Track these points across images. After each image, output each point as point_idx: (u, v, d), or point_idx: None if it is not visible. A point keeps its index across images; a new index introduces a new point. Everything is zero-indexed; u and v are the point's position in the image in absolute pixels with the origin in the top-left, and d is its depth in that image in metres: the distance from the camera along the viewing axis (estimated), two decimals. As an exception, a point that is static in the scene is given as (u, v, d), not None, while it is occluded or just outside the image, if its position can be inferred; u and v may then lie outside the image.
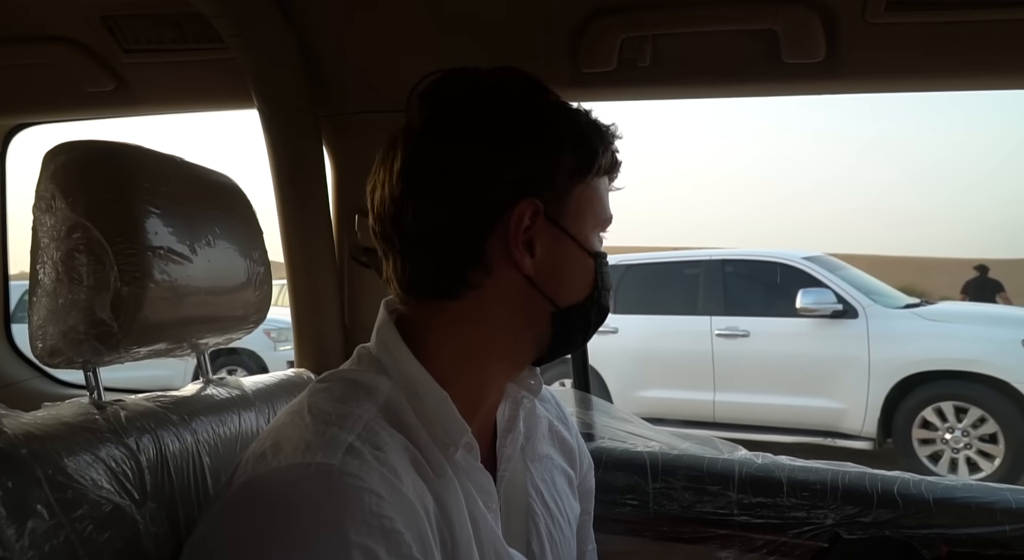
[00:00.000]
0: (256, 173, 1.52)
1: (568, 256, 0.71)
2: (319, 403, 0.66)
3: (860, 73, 1.11)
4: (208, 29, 1.22)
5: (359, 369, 0.72)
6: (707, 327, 5.16)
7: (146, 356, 0.82)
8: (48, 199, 0.73)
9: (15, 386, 1.73)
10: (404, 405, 0.68)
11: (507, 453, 0.75)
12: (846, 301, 4.78)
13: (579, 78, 1.19)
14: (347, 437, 0.61)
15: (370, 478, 0.58)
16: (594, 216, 0.74)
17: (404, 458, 0.64)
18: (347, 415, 0.64)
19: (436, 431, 0.67)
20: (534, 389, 0.78)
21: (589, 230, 0.73)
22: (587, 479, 0.93)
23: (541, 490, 0.80)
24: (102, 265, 0.72)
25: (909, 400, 4.51)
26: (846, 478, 1.18)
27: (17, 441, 0.62)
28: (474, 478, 0.69)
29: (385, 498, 0.58)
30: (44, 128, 1.71)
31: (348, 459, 0.59)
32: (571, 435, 0.91)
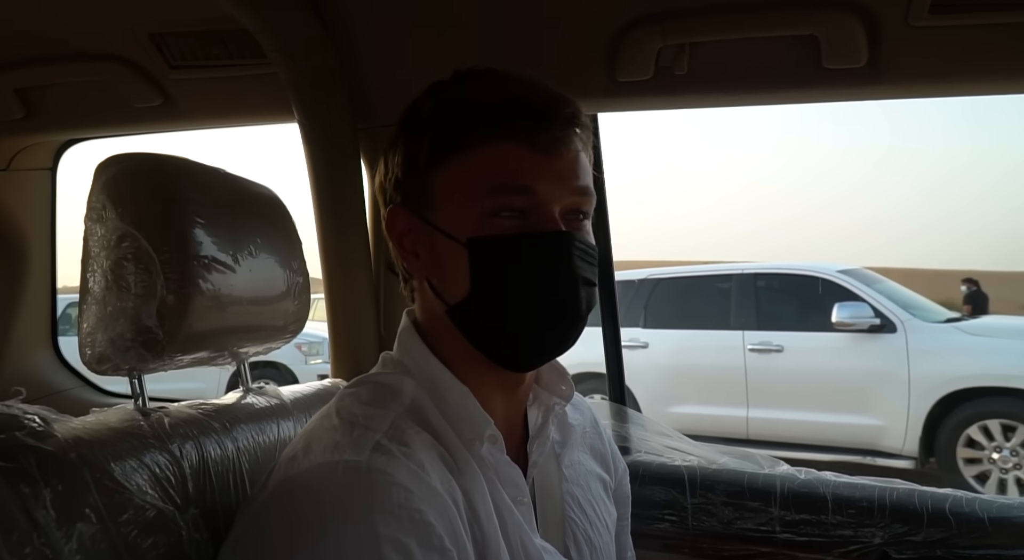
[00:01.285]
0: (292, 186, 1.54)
1: (442, 250, 0.68)
2: (347, 406, 0.68)
3: (903, 78, 1.09)
4: (251, 45, 1.25)
5: (384, 372, 0.74)
6: (739, 342, 5.09)
7: (189, 364, 0.83)
8: (99, 209, 0.75)
9: (61, 394, 1.77)
10: (429, 404, 0.69)
11: (535, 458, 0.75)
12: (884, 315, 4.68)
13: (614, 88, 1.18)
14: (374, 435, 0.62)
15: (398, 473, 0.59)
16: (467, 194, 0.66)
17: (431, 454, 0.64)
18: (373, 416, 0.65)
19: (460, 427, 0.68)
20: (565, 394, 0.77)
21: (461, 213, 0.67)
22: (623, 484, 0.92)
23: (577, 495, 0.79)
24: (149, 274, 0.73)
25: (953, 418, 4.37)
26: (894, 495, 1.14)
27: (67, 445, 0.63)
28: (501, 471, 0.69)
29: (414, 491, 0.58)
30: (93, 143, 1.76)
31: (376, 456, 0.60)
32: (603, 442, 0.91)
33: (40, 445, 0.62)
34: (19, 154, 1.71)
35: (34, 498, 0.58)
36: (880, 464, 4.48)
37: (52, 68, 1.42)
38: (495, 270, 0.66)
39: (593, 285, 0.70)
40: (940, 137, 30.94)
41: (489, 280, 0.66)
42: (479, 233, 0.66)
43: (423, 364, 0.71)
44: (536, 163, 0.66)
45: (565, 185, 0.68)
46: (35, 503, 0.57)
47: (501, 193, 0.66)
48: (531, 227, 0.66)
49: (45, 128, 1.61)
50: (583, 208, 0.70)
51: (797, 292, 5.23)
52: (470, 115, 0.68)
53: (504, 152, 0.66)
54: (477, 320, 0.68)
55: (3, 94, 1.48)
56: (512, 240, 0.65)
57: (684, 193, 29.39)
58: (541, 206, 0.66)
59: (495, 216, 0.66)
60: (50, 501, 0.58)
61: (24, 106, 1.51)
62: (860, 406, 4.62)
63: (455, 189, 0.67)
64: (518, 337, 0.68)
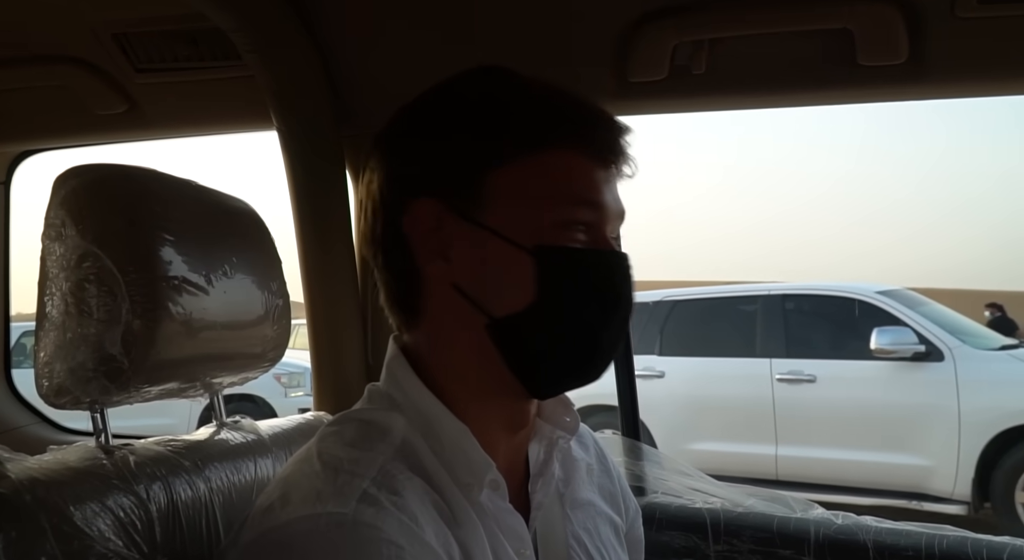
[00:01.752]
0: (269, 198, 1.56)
1: (494, 256, 0.67)
2: (329, 448, 0.67)
3: (949, 75, 1.09)
4: (225, 45, 1.26)
5: (371, 408, 0.73)
6: (766, 371, 5.08)
7: (156, 396, 0.84)
8: (58, 226, 0.76)
9: (15, 432, 1.77)
10: (421, 444, 0.68)
11: (538, 499, 0.74)
12: (929, 341, 4.67)
13: (625, 89, 1.19)
14: (361, 483, 0.61)
15: (388, 527, 0.58)
16: (537, 198, 0.67)
17: (425, 503, 0.64)
18: (360, 459, 0.64)
19: (457, 471, 0.67)
20: (570, 427, 0.77)
21: (532, 218, 0.67)
22: (635, 527, 0.91)
23: (584, 540, 0.78)
24: (113, 296, 0.74)
25: (1010, 457, 4.34)
26: (943, 543, 1.13)
27: (22, 487, 0.64)
28: (502, 521, 0.69)
29: (405, 548, 0.58)
30: (50, 155, 1.78)
31: (363, 507, 0.59)
32: (612, 480, 0.90)
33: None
34: (-32, 166, 1.73)
35: (-15, 545, 0.58)
36: (928, 509, 4.44)
37: (5, 72, 1.44)
38: (566, 282, 0.67)
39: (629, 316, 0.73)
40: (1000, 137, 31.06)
41: (558, 292, 0.67)
42: (550, 242, 0.66)
43: (415, 398, 0.70)
44: (605, 180, 0.69)
45: (618, 206, 0.71)
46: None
47: (577, 204, 0.68)
48: (598, 245, 0.69)
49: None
50: (619, 232, 0.74)
51: (831, 315, 5.23)
52: (548, 114, 0.69)
53: (579, 162, 0.68)
54: (530, 334, 0.67)
55: (-49, 101, 1.50)
56: (588, 255, 0.68)
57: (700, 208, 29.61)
58: (603, 224, 0.69)
59: (567, 227, 0.67)
60: (3, 549, 0.59)
61: None
62: (904, 444, 4.59)
63: (521, 191, 0.67)
64: (567, 357, 0.69)
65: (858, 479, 4.68)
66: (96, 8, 1.30)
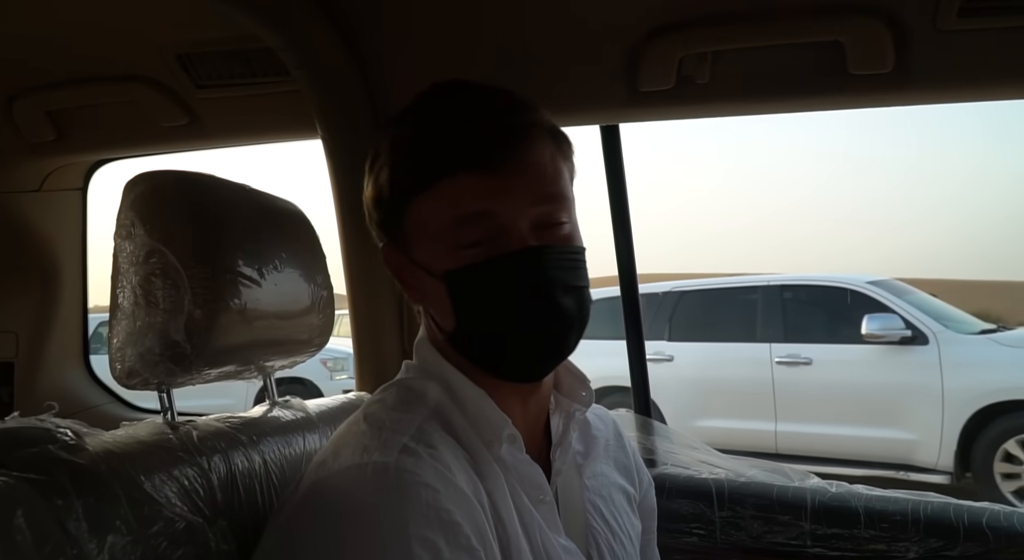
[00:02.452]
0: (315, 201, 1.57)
1: (427, 285, 0.70)
2: (375, 412, 0.70)
3: (931, 83, 1.08)
4: (275, 63, 1.27)
5: (409, 377, 0.76)
6: (767, 355, 5.02)
7: (216, 378, 0.85)
8: (128, 226, 0.77)
9: (93, 410, 1.81)
10: (452, 407, 0.71)
11: (557, 466, 0.76)
12: (915, 327, 4.59)
13: (636, 98, 1.18)
14: (401, 438, 0.64)
15: (425, 473, 0.61)
16: (434, 229, 0.68)
17: (457, 456, 0.66)
18: (400, 420, 0.67)
19: (480, 429, 0.70)
20: (585, 400, 0.78)
21: (435, 248, 0.68)
22: (648, 497, 0.92)
23: (599, 506, 0.80)
24: (177, 289, 0.74)
25: (989, 431, 4.26)
26: (928, 509, 1.12)
27: (99, 458, 0.64)
28: (522, 471, 0.70)
29: (441, 492, 0.60)
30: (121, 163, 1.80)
31: (403, 457, 0.62)
32: (627, 455, 0.91)
33: (72, 458, 0.63)
34: (51, 175, 1.76)
35: (67, 510, 0.59)
36: (914, 479, 4.38)
37: (82, 90, 1.47)
38: (474, 299, 0.68)
39: (580, 288, 0.70)
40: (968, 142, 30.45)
41: (470, 310, 0.68)
42: (452, 266, 0.67)
43: (439, 370, 0.73)
44: (495, 186, 0.66)
45: (528, 199, 0.67)
46: (68, 515, 0.59)
47: (464, 224, 0.66)
48: (499, 250, 0.66)
49: (76, 149, 1.65)
50: (555, 216, 0.69)
51: (825, 304, 5.15)
52: (424, 151, 0.68)
53: (462, 183, 0.66)
54: (471, 347, 0.71)
55: (36, 117, 1.53)
56: (483, 266, 0.66)
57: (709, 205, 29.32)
58: (507, 228, 0.66)
59: (463, 247, 0.67)
60: (82, 513, 0.59)
61: (55, 128, 1.55)
62: (892, 420, 4.53)
63: (424, 226, 0.69)
64: (513, 356, 0.70)
65: (850, 452, 4.62)
66: (162, 32, 1.32)
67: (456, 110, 0.69)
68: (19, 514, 0.55)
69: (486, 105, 0.69)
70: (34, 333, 1.80)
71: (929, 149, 25.83)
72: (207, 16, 1.25)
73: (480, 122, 0.67)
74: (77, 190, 1.83)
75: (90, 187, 1.85)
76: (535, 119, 0.70)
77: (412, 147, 0.69)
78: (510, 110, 0.69)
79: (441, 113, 0.70)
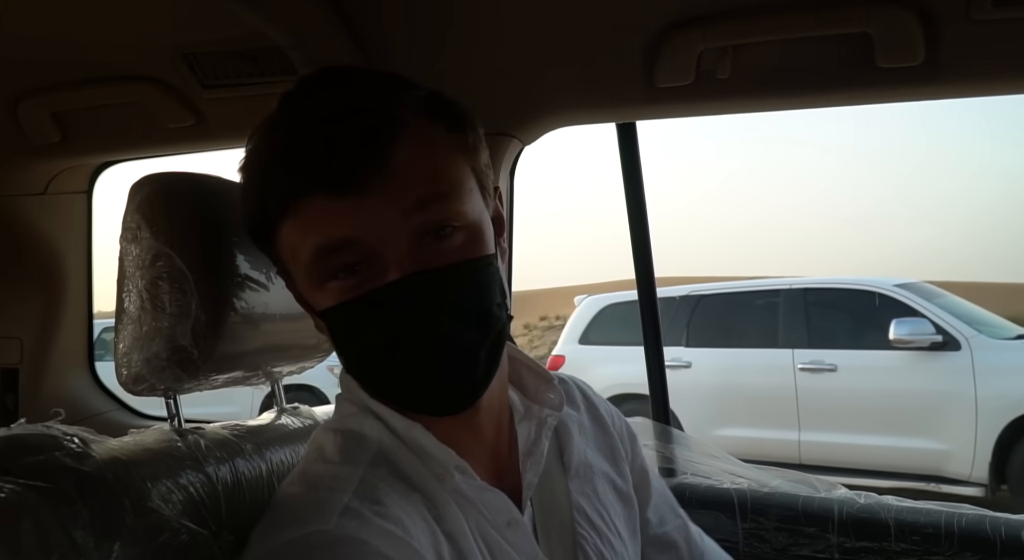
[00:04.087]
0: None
1: (316, 319, 0.68)
2: (311, 468, 0.67)
3: (964, 76, 1.06)
4: (283, 62, 1.28)
5: (343, 416, 0.71)
6: (789, 361, 4.99)
7: (223, 384, 0.85)
8: (134, 229, 0.78)
9: (99, 417, 1.82)
10: (396, 445, 0.66)
11: (528, 479, 0.71)
12: (946, 331, 4.54)
13: (653, 94, 1.18)
14: (342, 498, 0.59)
15: (373, 538, 0.56)
16: (299, 264, 0.63)
17: (409, 506, 0.61)
18: (338, 474, 0.63)
19: (429, 464, 0.65)
20: (555, 404, 0.74)
21: (308, 282, 0.63)
22: (636, 460, 0.87)
23: (584, 508, 0.76)
24: (184, 293, 0.75)
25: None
26: (963, 521, 1.10)
27: (105, 466, 0.65)
28: (483, 499, 0.66)
29: (392, 557, 0.55)
30: (127, 165, 1.82)
31: (344, 522, 0.57)
32: (606, 428, 0.86)
33: (79, 466, 0.63)
34: (56, 178, 1.78)
35: (73, 519, 0.59)
36: (946, 491, 4.32)
37: (87, 91, 1.48)
38: (351, 340, 0.63)
39: (480, 307, 0.63)
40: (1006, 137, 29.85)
41: (353, 352, 0.65)
42: (326, 303, 0.62)
43: (368, 404, 0.69)
44: (357, 206, 0.58)
45: (401, 210, 0.59)
46: (74, 524, 0.59)
47: (323, 256, 0.60)
48: (374, 280, 0.60)
49: (81, 151, 1.67)
50: (441, 222, 0.61)
51: (850, 308, 5.11)
52: (279, 170, 0.61)
53: (319, 207, 0.59)
54: (370, 385, 0.67)
55: (40, 118, 1.55)
56: (352, 305, 0.61)
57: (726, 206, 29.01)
58: (379, 253, 0.60)
59: (333, 279, 0.61)
60: (89, 521, 0.60)
61: (60, 130, 1.57)
62: (922, 429, 4.48)
63: (289, 259, 0.64)
64: (415, 398, 0.64)
65: (878, 463, 4.58)
66: (167, 31, 1.33)
67: (313, 114, 0.61)
68: (25, 522, 0.56)
69: (343, 104, 0.61)
70: (38, 339, 1.82)
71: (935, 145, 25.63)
72: (213, 14, 1.26)
73: (333, 129, 0.59)
74: (82, 193, 1.85)
75: (95, 190, 1.87)
76: (397, 111, 0.61)
77: (270, 162, 0.62)
78: (368, 107, 0.60)
79: (299, 118, 0.62)
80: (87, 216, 1.87)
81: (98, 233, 1.88)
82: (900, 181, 25.21)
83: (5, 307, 1.82)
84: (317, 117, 0.61)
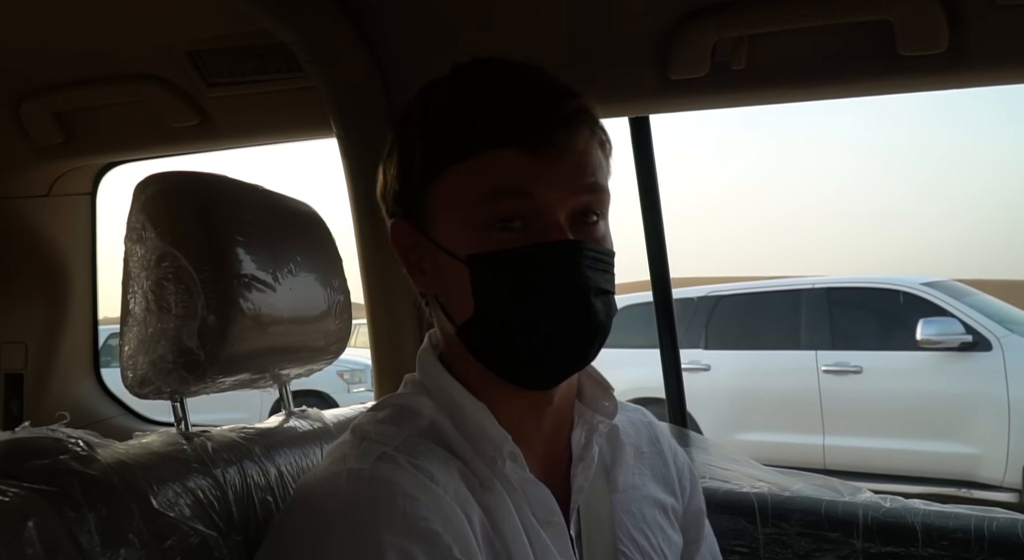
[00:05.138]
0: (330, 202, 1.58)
1: (445, 268, 0.68)
2: (363, 425, 0.71)
3: (989, 63, 1.05)
4: (288, 58, 1.29)
5: (404, 393, 0.76)
6: (812, 363, 4.95)
7: (230, 387, 0.86)
8: (138, 229, 0.79)
9: (104, 422, 1.84)
10: (448, 424, 0.70)
11: (579, 482, 0.74)
12: (977, 331, 4.49)
13: (667, 86, 1.17)
14: (381, 447, 0.65)
15: (402, 480, 0.61)
16: (462, 206, 0.66)
17: (447, 469, 0.66)
18: (385, 432, 0.69)
19: (481, 445, 0.69)
20: (608, 411, 0.76)
21: (460, 226, 0.66)
22: (693, 502, 0.89)
23: (626, 523, 0.78)
24: (189, 293, 0.76)
25: (1062, 444, 4.16)
26: (994, 525, 1.09)
27: (110, 469, 0.66)
28: (528, 491, 0.69)
29: (419, 499, 0.60)
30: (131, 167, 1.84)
31: (379, 464, 0.63)
32: (666, 461, 0.88)
33: (84, 469, 0.64)
34: (59, 179, 1.80)
35: (78, 523, 0.60)
36: (977, 497, 4.28)
37: (90, 91, 1.50)
38: (499, 289, 0.65)
39: (609, 294, 0.69)
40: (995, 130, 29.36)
41: (493, 300, 0.66)
42: (478, 249, 0.65)
43: (439, 383, 0.72)
44: (535, 168, 0.65)
45: (570, 187, 0.66)
46: (79, 528, 0.60)
47: (495, 200, 0.65)
48: (533, 238, 0.65)
49: (85, 152, 1.69)
50: (593, 208, 0.68)
51: (875, 307, 5.08)
52: (463, 123, 0.67)
53: (499, 160, 0.65)
54: (486, 340, 0.68)
55: (43, 119, 1.57)
56: (514, 254, 0.65)
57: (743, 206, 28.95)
58: (543, 212, 0.65)
59: (491, 227, 0.65)
60: (94, 526, 0.61)
61: (63, 131, 1.59)
62: (952, 433, 4.43)
63: (450, 202, 0.67)
64: (530, 357, 0.67)
65: (906, 467, 4.53)
66: (171, 28, 1.35)
67: (504, 84, 0.69)
68: (30, 526, 0.57)
69: (535, 84, 0.69)
70: (43, 343, 1.84)
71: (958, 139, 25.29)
72: (217, 11, 1.27)
73: (528, 99, 0.67)
74: (86, 195, 1.87)
75: (99, 192, 1.89)
76: (582, 105, 0.68)
77: (454, 114, 0.68)
78: (559, 92, 0.68)
79: (488, 85, 0.69)
80: (91, 218, 1.89)
81: (102, 236, 1.90)
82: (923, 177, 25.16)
83: (9, 312, 1.84)
84: (512, 84, 0.68)
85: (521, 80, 0.69)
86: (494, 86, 0.69)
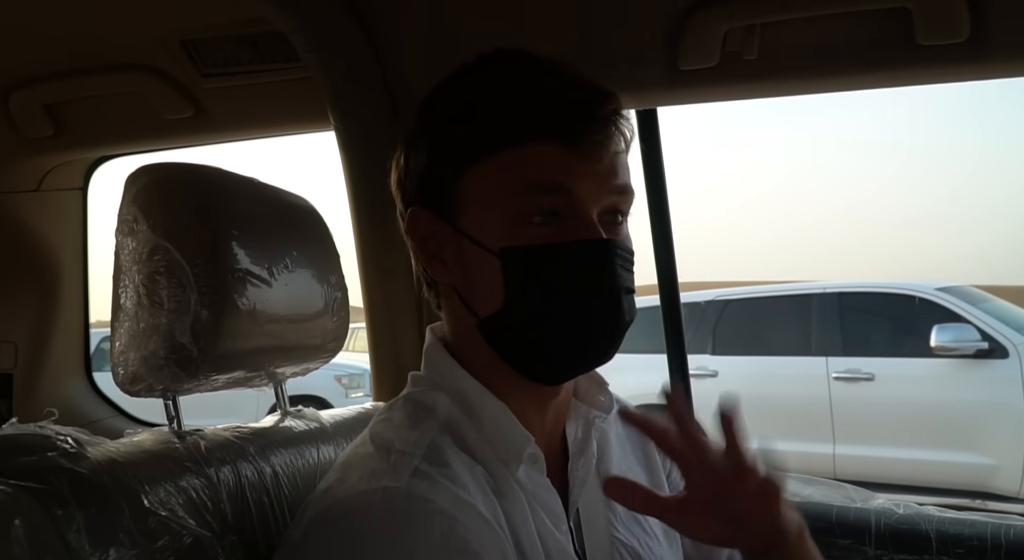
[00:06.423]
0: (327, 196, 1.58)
1: (472, 259, 0.69)
2: (381, 432, 0.70)
3: (1013, 53, 1.03)
4: (285, 48, 1.29)
5: (415, 389, 0.76)
6: (823, 369, 4.95)
7: (224, 385, 0.86)
8: (130, 222, 0.79)
9: (96, 424, 1.84)
10: (465, 422, 0.70)
11: (580, 477, 0.75)
12: (992, 338, 4.49)
13: (676, 77, 1.16)
14: (412, 460, 0.64)
15: (440, 498, 0.61)
16: (498, 197, 0.67)
17: (473, 474, 0.67)
18: (408, 439, 0.68)
19: (498, 446, 0.69)
20: (604, 406, 0.78)
21: (494, 218, 0.68)
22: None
23: (618, 510, 0.79)
24: (182, 288, 0.76)
25: (1080, 455, 4.15)
26: (1011, 533, 1.09)
27: (101, 468, 0.66)
28: (540, 497, 0.70)
29: (458, 519, 0.60)
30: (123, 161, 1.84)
31: (415, 482, 0.62)
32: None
33: (73, 467, 0.64)
34: (49, 173, 1.79)
35: (67, 521, 0.60)
36: (992, 508, 4.25)
37: (81, 81, 1.50)
38: (532, 283, 0.67)
39: (632, 293, 0.71)
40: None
41: (526, 294, 0.67)
42: (513, 242, 0.66)
43: (453, 379, 0.73)
44: (573, 164, 0.66)
45: (604, 185, 0.68)
46: (68, 526, 0.60)
47: (533, 194, 0.66)
48: (568, 234, 0.66)
49: (76, 145, 1.68)
50: (621, 208, 0.71)
51: (888, 313, 5.07)
52: (505, 112, 0.68)
53: (539, 153, 0.66)
54: (512, 334, 0.69)
55: (32, 110, 1.56)
56: (549, 250, 0.66)
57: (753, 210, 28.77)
58: (578, 208, 0.67)
59: (527, 221, 0.66)
60: (83, 525, 0.61)
61: (54, 123, 1.58)
62: (967, 442, 4.43)
63: (486, 192, 0.68)
64: (556, 352, 0.69)
65: (919, 478, 4.52)
66: (164, 16, 1.34)
67: (541, 76, 0.70)
68: (17, 524, 0.57)
69: (578, 79, 0.70)
70: (33, 343, 1.84)
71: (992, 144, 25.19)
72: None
73: (573, 94, 0.68)
74: (77, 190, 1.87)
75: (91, 186, 1.89)
76: (620, 106, 0.70)
77: (495, 103, 0.69)
78: (600, 91, 0.69)
79: (530, 76, 0.70)
80: (83, 214, 1.89)
81: (93, 233, 1.90)
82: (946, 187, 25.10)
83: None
84: (551, 77, 0.69)
85: (561, 74, 0.70)
86: (536, 78, 0.70)
